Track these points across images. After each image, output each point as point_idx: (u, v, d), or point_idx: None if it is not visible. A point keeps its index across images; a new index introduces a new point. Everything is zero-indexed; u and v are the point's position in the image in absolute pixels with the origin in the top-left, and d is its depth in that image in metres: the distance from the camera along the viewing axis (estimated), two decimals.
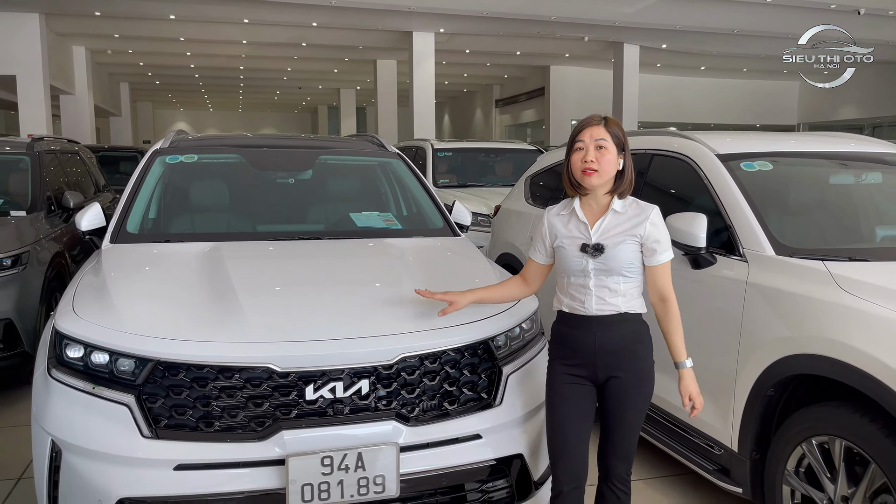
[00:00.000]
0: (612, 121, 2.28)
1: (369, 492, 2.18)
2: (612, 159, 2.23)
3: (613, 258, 2.22)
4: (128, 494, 2.10)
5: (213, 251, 2.89)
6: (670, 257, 2.28)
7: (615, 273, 2.23)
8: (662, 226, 2.27)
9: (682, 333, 2.29)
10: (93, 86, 19.09)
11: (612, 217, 2.27)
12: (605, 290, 2.24)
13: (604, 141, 2.21)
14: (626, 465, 2.36)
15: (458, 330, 2.42)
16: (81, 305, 2.42)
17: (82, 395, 2.20)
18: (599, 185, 2.24)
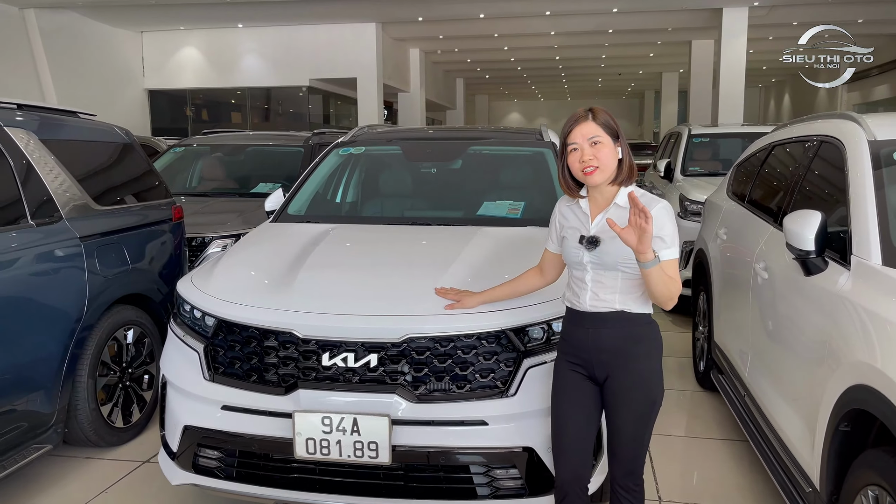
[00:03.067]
0: (598, 111, 2.19)
1: (364, 455, 2.39)
2: (610, 152, 2.14)
3: (608, 252, 2.14)
4: (190, 423, 2.63)
5: (326, 231, 3.32)
6: (674, 256, 2.12)
7: (612, 268, 2.15)
8: (667, 222, 2.13)
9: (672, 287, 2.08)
10: (426, 83, 21.46)
11: (614, 211, 2.18)
12: (600, 286, 2.17)
13: (597, 136, 2.13)
14: (627, 472, 2.23)
15: (473, 317, 2.49)
16: (198, 271, 3.04)
17: (180, 343, 2.79)
18: (602, 181, 2.16)
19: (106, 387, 3.62)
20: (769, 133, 4.35)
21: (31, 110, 3.63)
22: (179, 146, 7.38)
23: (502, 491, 2.47)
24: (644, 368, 2.15)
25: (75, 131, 3.89)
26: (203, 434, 2.61)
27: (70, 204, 3.51)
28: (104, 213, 3.74)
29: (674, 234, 2.13)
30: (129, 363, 3.78)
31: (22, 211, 3.24)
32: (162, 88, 17.79)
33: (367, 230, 3.46)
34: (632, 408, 2.16)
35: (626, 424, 2.18)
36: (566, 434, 2.23)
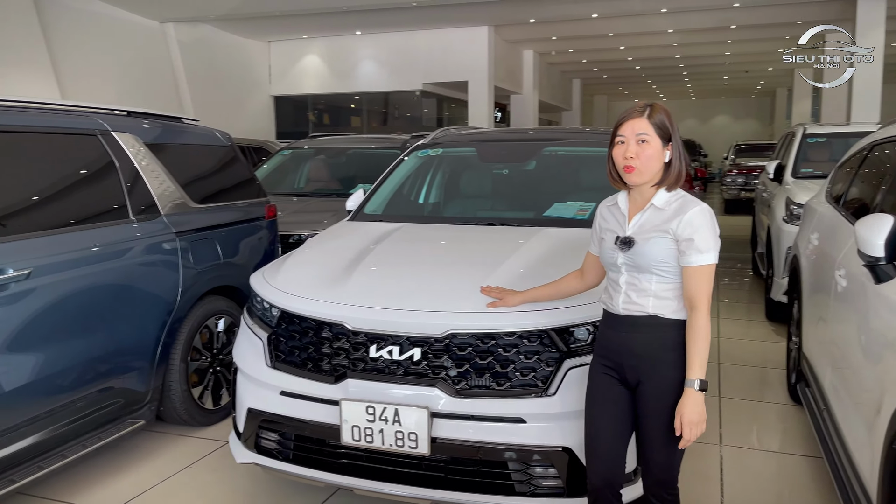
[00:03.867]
0: (656, 109, 2.12)
1: (404, 445, 2.49)
2: (654, 154, 2.10)
3: (642, 254, 2.11)
4: (253, 406, 2.83)
5: (392, 230, 3.45)
6: (707, 262, 2.06)
7: (646, 271, 2.12)
8: (702, 225, 2.07)
9: (703, 350, 2.03)
10: (540, 84, 21.35)
11: (651, 212, 2.16)
12: (634, 289, 2.15)
13: (645, 135, 2.09)
14: (659, 482, 2.18)
15: (514, 316, 2.52)
16: (269, 266, 3.25)
17: (249, 332, 3.00)
18: (641, 181, 2.13)
19: (197, 371, 3.92)
20: (873, 132, 4.06)
21: (139, 116, 4.00)
22: (288, 149, 7.81)
23: (540, 489, 2.49)
24: (677, 376, 2.08)
25: (178, 135, 4.24)
26: (264, 417, 2.80)
27: (168, 202, 3.84)
28: (200, 211, 4.05)
29: (708, 238, 2.05)
30: (220, 350, 4.08)
31: (125, 207, 3.58)
32: (286, 94, 18.76)
33: (430, 229, 3.56)
34: (662, 416, 2.10)
35: (656, 433, 2.13)
36: (598, 438, 2.22)
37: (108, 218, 3.48)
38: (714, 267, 2.07)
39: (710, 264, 2.05)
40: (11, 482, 2.86)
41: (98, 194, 3.51)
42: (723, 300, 7.22)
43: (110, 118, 3.74)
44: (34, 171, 3.24)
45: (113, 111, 3.86)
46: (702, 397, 2.02)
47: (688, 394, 2.02)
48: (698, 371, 2.01)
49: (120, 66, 13.43)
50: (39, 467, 2.99)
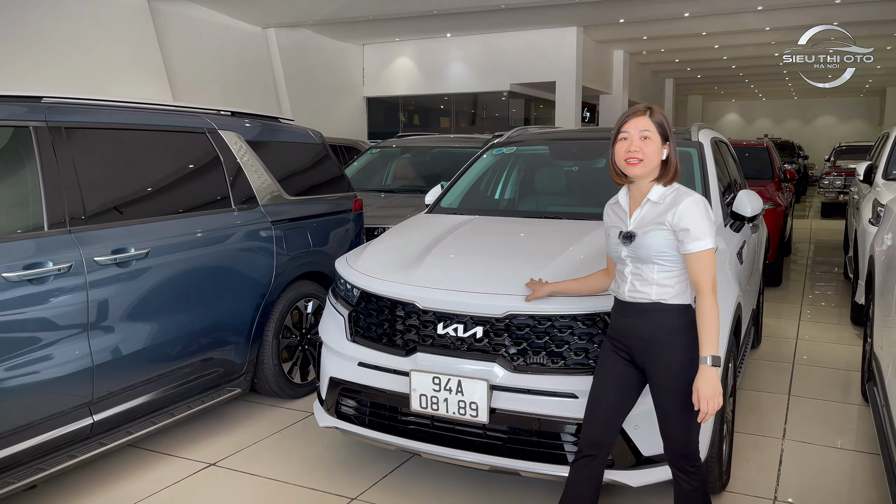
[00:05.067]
0: (657, 110, 2.32)
1: (466, 413, 2.74)
2: (656, 149, 2.28)
3: (643, 246, 2.28)
4: (334, 375, 3.16)
5: (464, 222, 3.71)
6: (704, 248, 2.21)
7: (648, 261, 2.29)
8: (695, 214, 2.22)
9: (713, 329, 2.18)
10: (630, 84, 21.13)
11: (649, 207, 2.33)
12: (638, 278, 2.32)
13: (648, 132, 2.27)
14: (680, 455, 2.34)
15: (570, 300, 2.72)
16: (352, 252, 3.57)
17: (333, 310, 3.33)
18: (643, 175, 2.31)
19: (287, 347, 4.31)
20: None
21: (241, 116, 4.43)
22: (376, 148, 8.22)
23: None
24: (683, 359, 2.25)
25: (276, 134, 4.65)
26: (344, 385, 3.12)
27: (266, 194, 4.24)
28: (293, 203, 4.44)
29: (703, 226, 2.20)
30: (308, 330, 4.46)
31: (228, 198, 4.00)
32: (378, 96, 19.39)
33: (500, 221, 3.81)
34: (673, 396, 2.28)
35: (670, 411, 2.31)
36: (597, 406, 2.41)
37: (214, 207, 3.91)
38: (713, 252, 2.21)
39: (707, 250, 2.20)
40: (128, 433, 3.30)
41: (205, 186, 3.95)
42: (809, 303, 7.10)
43: (217, 118, 4.18)
44: (152, 164, 3.69)
45: (218, 111, 4.30)
46: (715, 372, 2.16)
47: (701, 370, 2.18)
48: (709, 349, 2.17)
49: (224, 69, 14.32)
50: (152, 422, 3.43)
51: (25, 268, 2.82)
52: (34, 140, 3.03)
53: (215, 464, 3.49)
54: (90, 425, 3.12)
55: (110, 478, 3.32)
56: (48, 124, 3.10)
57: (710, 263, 2.21)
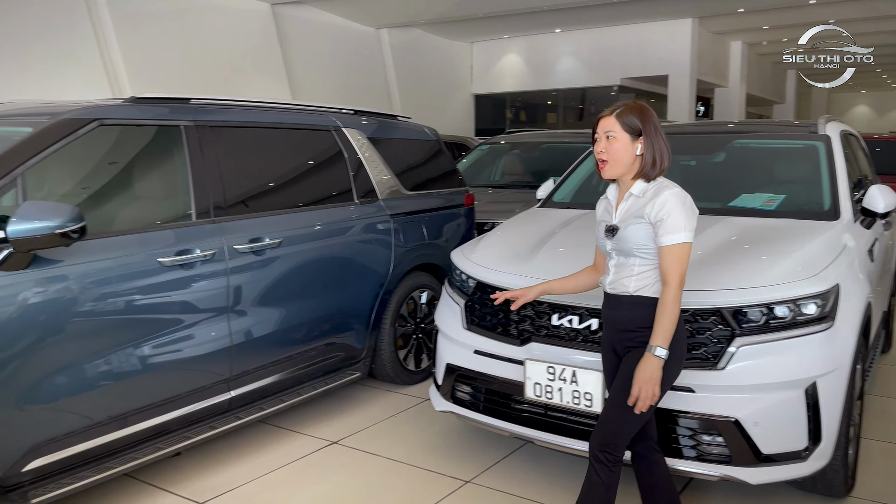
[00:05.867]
0: (629, 108, 2.32)
1: (580, 403, 2.80)
2: (622, 147, 2.30)
3: (624, 239, 2.31)
4: (450, 361, 3.29)
5: (577, 216, 3.75)
6: (677, 241, 2.21)
7: (629, 254, 2.31)
8: (673, 207, 2.23)
9: (667, 321, 2.19)
10: (749, 77, 20.22)
11: (631, 201, 2.35)
12: (619, 271, 2.35)
13: (612, 131, 2.30)
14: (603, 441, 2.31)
15: (689, 294, 2.70)
16: (467, 244, 3.69)
17: (449, 299, 3.47)
18: (614, 174, 2.35)
19: (403, 336, 4.50)
20: None
21: (363, 114, 4.65)
22: (485, 144, 8.33)
23: (706, 456, 2.68)
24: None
25: (394, 131, 4.84)
26: (459, 372, 3.25)
27: (385, 188, 4.44)
28: (410, 197, 4.62)
29: (678, 220, 2.20)
30: (422, 319, 4.63)
31: (350, 192, 4.22)
32: (486, 93, 19.53)
33: None
34: (626, 385, 2.27)
35: (616, 394, 2.31)
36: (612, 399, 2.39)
37: (338, 200, 4.13)
38: (686, 246, 2.20)
39: (679, 244, 2.20)
40: (261, 409, 3.57)
41: (330, 180, 4.18)
42: None
43: (341, 116, 4.41)
44: (284, 160, 3.96)
45: (341, 110, 4.53)
46: (657, 362, 2.19)
47: (645, 357, 2.21)
48: (659, 339, 2.19)
49: (339, 69, 14.89)
50: (281, 400, 3.68)
51: (177, 254, 3.12)
52: (184, 138, 3.33)
53: (337, 442, 3.71)
54: (228, 400, 3.40)
55: (245, 449, 3.60)
56: (196, 123, 3.40)
57: (681, 258, 2.21)
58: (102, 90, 10.11)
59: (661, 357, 2.19)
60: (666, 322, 2.19)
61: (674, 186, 2.32)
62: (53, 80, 9.48)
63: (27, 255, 2.58)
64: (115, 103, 3.28)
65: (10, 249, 2.52)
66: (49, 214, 2.52)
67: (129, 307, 2.96)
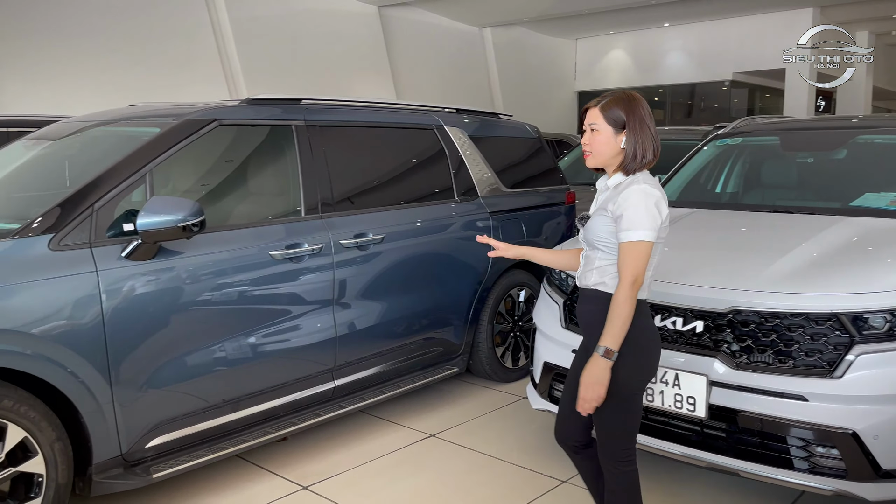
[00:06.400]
0: (615, 100, 2.25)
1: (683, 407, 2.72)
2: (605, 140, 2.25)
3: (589, 229, 2.30)
4: (548, 360, 3.27)
5: (683, 215, 3.63)
6: (631, 238, 2.14)
7: (594, 246, 2.29)
8: (634, 204, 2.15)
9: (617, 321, 2.11)
10: (876, 69, 18.87)
11: (608, 192, 2.30)
12: (587, 263, 2.32)
13: (595, 124, 2.26)
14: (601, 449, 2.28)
15: (803, 297, 2.59)
16: (570, 242, 3.65)
17: (548, 298, 3.45)
18: (598, 165, 2.31)
19: (500, 333, 4.51)
20: None
21: (465, 113, 4.69)
22: None
23: (820, 469, 2.54)
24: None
25: (495, 129, 4.86)
26: (557, 371, 3.22)
27: (485, 186, 4.46)
28: (510, 195, 4.62)
29: (637, 217, 2.12)
30: (520, 317, 4.63)
31: (451, 189, 4.27)
32: (589, 90, 19.18)
33: (723, 215, 3.67)
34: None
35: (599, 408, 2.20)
36: (564, 401, 2.42)
37: (439, 198, 4.20)
38: (643, 245, 2.12)
39: (635, 241, 2.12)
40: (363, 399, 3.68)
41: (432, 178, 4.25)
42: None
43: (443, 115, 4.47)
44: (387, 158, 4.06)
45: (444, 109, 4.59)
46: (603, 363, 2.11)
47: (592, 357, 2.14)
48: (607, 339, 2.11)
49: (442, 68, 15.07)
50: (382, 392, 3.78)
51: (287, 247, 3.26)
52: (295, 137, 3.48)
53: (435, 435, 3.77)
54: (332, 389, 3.53)
55: (347, 438, 3.73)
56: (306, 123, 3.54)
57: (637, 256, 2.13)
58: (221, 92, 10.70)
59: (607, 359, 2.11)
60: (616, 322, 2.11)
61: (644, 183, 2.21)
62: (177, 84, 10.12)
63: (154, 247, 2.78)
64: (232, 104, 3.47)
65: (138, 241, 2.72)
66: (173, 209, 2.70)
67: (243, 297, 3.13)
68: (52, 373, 2.53)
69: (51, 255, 2.59)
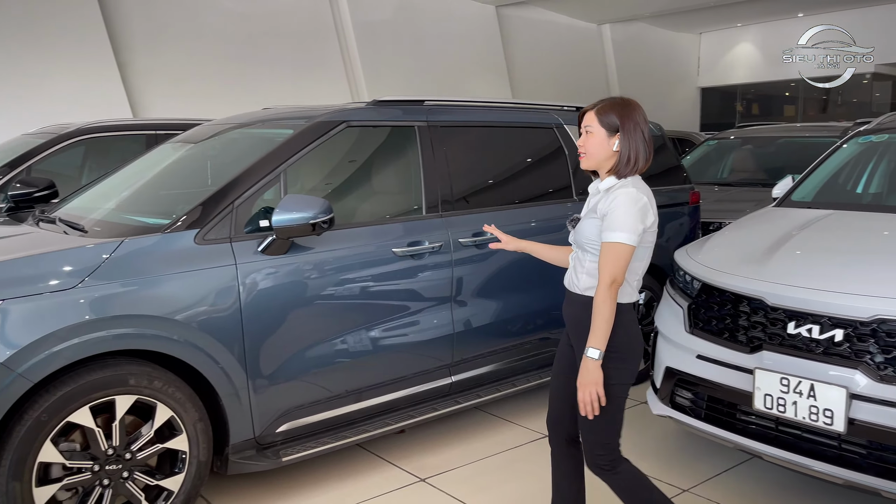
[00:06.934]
0: (611, 105, 2.28)
1: (818, 420, 2.57)
2: (598, 142, 2.27)
3: (579, 231, 2.32)
4: (670, 365, 3.18)
5: (819, 217, 3.42)
6: (612, 239, 2.16)
7: (583, 248, 2.30)
8: (620, 206, 2.17)
9: (598, 321, 2.15)
10: None
11: (599, 195, 2.30)
12: (576, 265, 2.35)
13: (590, 126, 2.28)
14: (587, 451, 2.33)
15: None
16: (693, 244, 3.54)
17: (671, 301, 3.35)
18: (592, 167, 2.32)
19: None
20: None
21: None
22: (713, 139, 7.89)
23: None
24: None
25: None
26: (680, 376, 3.13)
27: None
28: None
29: (620, 218, 2.15)
30: (639, 320, 4.51)
31: (570, 188, 4.23)
32: (713, 86, 18.43)
33: (865, 217, 3.42)
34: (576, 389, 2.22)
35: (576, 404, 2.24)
36: (550, 398, 2.52)
37: (557, 197, 4.17)
38: (621, 247, 2.14)
39: (615, 242, 2.15)
40: (478, 396, 3.72)
41: (550, 177, 4.23)
42: None
43: (562, 113, 4.44)
44: (506, 158, 4.08)
45: (562, 107, 4.55)
46: (593, 364, 2.15)
47: (583, 360, 2.19)
48: (592, 340, 2.16)
49: (559, 66, 14.92)
50: (497, 389, 3.80)
51: (408, 245, 3.35)
52: (417, 137, 3.56)
53: None
54: (449, 384, 3.59)
55: (462, 433, 3.78)
56: (428, 123, 3.62)
57: (616, 258, 2.15)
58: (343, 93, 11.11)
59: (594, 358, 2.16)
60: (598, 322, 2.16)
61: (635, 187, 2.23)
62: (302, 86, 10.61)
63: (286, 242, 2.93)
64: (359, 106, 3.60)
65: (273, 236, 2.89)
66: (306, 206, 2.84)
67: (366, 292, 3.24)
68: (195, 357, 2.73)
69: (196, 249, 2.79)
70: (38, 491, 2.44)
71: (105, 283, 2.57)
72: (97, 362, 2.55)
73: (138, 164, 3.89)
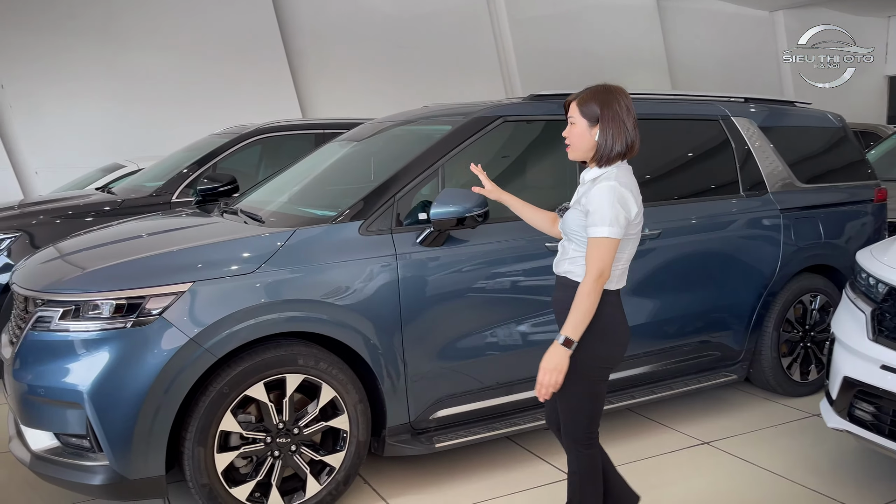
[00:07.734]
0: (591, 94, 2.26)
1: None
2: (580, 133, 2.27)
3: (565, 221, 2.34)
4: (849, 375, 2.92)
5: None
6: (597, 234, 2.16)
7: (568, 237, 2.33)
8: (600, 200, 2.18)
9: (578, 312, 2.16)
10: None
11: (585, 186, 2.30)
12: (562, 251, 2.37)
13: (572, 117, 2.29)
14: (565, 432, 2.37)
15: None
16: (879, 244, 3.23)
17: (851, 305, 3.08)
18: (578, 158, 2.32)
19: (788, 342, 4.12)
20: None
21: (755, 102, 4.36)
22: None
23: None
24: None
25: (790, 118, 4.44)
26: (860, 388, 2.87)
27: (776, 181, 4.11)
28: (805, 191, 4.20)
29: (602, 213, 2.15)
30: (812, 326, 4.19)
31: (736, 184, 4.00)
32: None
33: None
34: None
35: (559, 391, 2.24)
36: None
37: (721, 193, 3.96)
38: (606, 241, 2.15)
39: (600, 237, 2.15)
40: (632, 398, 3.61)
41: (715, 172, 4.02)
42: None
43: (730, 104, 4.20)
44: (668, 151, 3.92)
45: (730, 98, 4.31)
46: (561, 352, 2.16)
47: (552, 345, 2.19)
48: (567, 328, 2.17)
49: (723, 56, 14.15)
50: (652, 392, 3.68)
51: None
52: None
53: (709, 443, 3.58)
54: None
55: (614, 435, 3.69)
56: None
57: (601, 252, 2.16)
58: (497, 88, 11.21)
59: (565, 347, 2.16)
60: (577, 312, 2.16)
61: (616, 179, 2.20)
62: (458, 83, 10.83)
63: (443, 234, 3.01)
64: (515, 101, 3.62)
65: (430, 229, 2.97)
66: (462, 200, 2.89)
67: (517, 286, 3.26)
68: (357, 342, 2.88)
69: (360, 239, 2.94)
70: (218, 457, 2.68)
71: (278, 270, 2.78)
72: (271, 342, 2.77)
73: (308, 160, 4.15)
